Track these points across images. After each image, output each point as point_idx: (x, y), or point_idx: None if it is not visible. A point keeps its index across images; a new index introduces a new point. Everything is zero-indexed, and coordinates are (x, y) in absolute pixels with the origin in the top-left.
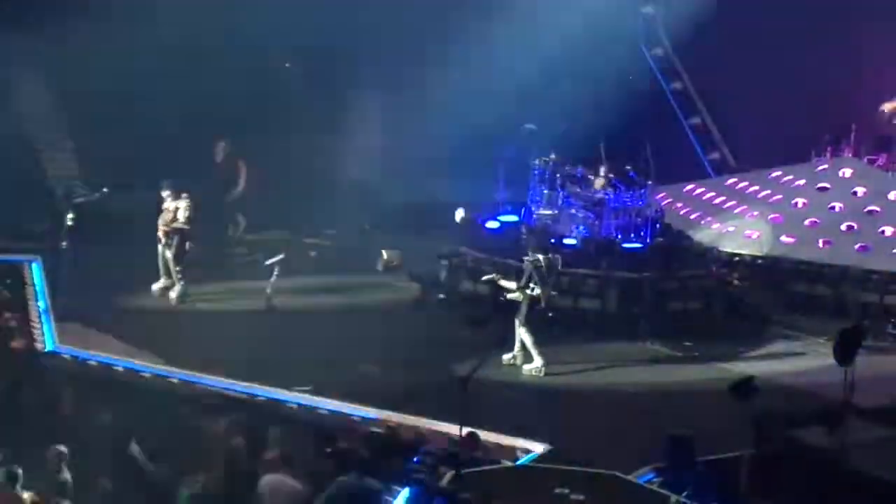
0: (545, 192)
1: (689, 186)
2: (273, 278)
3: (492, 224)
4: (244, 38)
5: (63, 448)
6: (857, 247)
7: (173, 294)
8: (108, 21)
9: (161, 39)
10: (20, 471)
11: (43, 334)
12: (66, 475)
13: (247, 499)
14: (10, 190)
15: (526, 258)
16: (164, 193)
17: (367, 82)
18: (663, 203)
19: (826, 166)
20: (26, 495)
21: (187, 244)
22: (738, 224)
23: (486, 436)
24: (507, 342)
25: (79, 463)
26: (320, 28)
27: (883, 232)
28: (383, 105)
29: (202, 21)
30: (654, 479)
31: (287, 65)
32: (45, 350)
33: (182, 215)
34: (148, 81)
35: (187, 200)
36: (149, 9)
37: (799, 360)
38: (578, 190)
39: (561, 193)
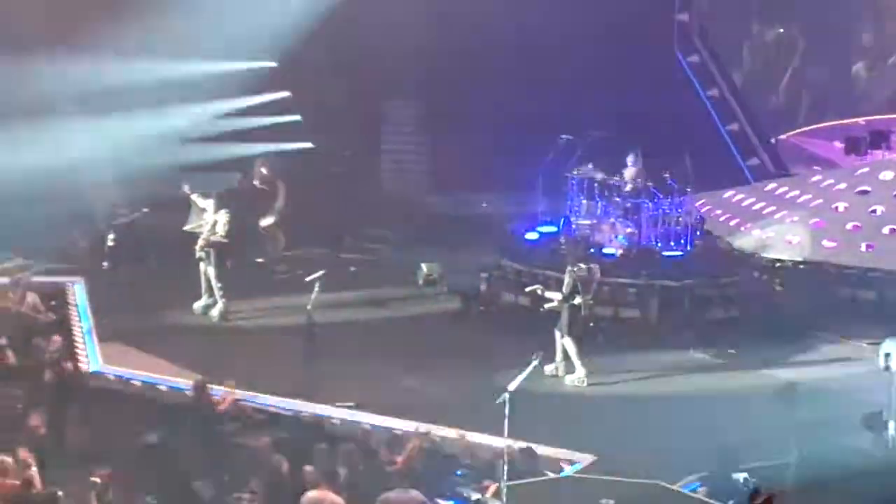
0: (583, 201)
1: (729, 193)
2: (314, 294)
3: (531, 235)
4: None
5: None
6: None
7: (215, 312)
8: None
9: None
10: (60, 493)
11: (87, 355)
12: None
13: None
14: (52, 212)
15: (567, 268)
16: (202, 205)
17: (407, 93)
18: (703, 210)
19: (866, 169)
20: None
21: (228, 262)
22: (779, 230)
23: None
24: (549, 354)
25: (124, 483)
26: (352, 39)
27: None
28: (419, 117)
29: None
30: (699, 488)
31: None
32: (90, 371)
33: (221, 229)
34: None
35: (227, 214)
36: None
37: (844, 365)
38: (617, 199)
39: (599, 203)
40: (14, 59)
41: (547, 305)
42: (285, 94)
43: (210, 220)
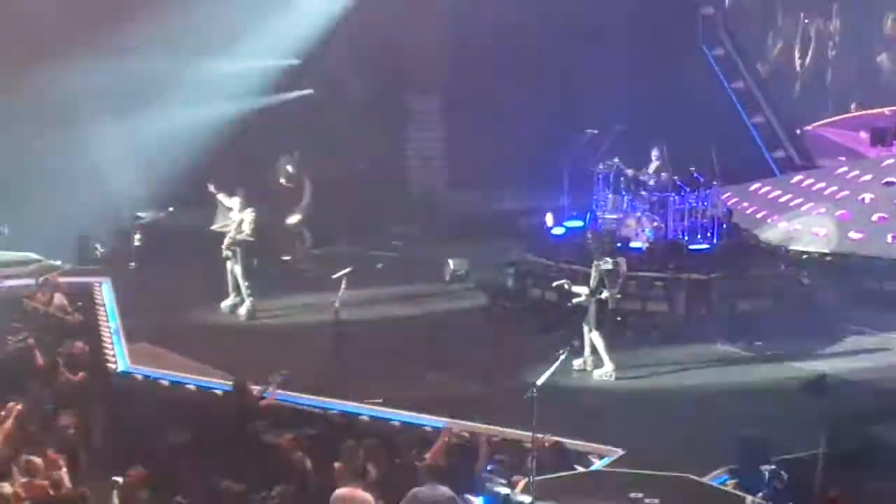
0: (609, 196)
1: (755, 185)
2: (341, 291)
3: (557, 230)
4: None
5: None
6: None
7: (242, 311)
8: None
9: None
10: (88, 493)
11: (115, 355)
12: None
13: None
14: (79, 212)
15: (594, 263)
16: (228, 203)
17: (430, 89)
18: (729, 203)
19: (892, 160)
20: None
21: (255, 260)
22: (806, 222)
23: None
24: (577, 348)
25: (155, 483)
26: (375, 35)
27: None
28: (445, 113)
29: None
30: (729, 481)
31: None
32: (118, 371)
33: (247, 227)
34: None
35: (252, 213)
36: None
37: (872, 357)
38: (643, 193)
39: (626, 197)
40: (40, 60)
41: (574, 300)
42: (308, 91)
43: (236, 218)
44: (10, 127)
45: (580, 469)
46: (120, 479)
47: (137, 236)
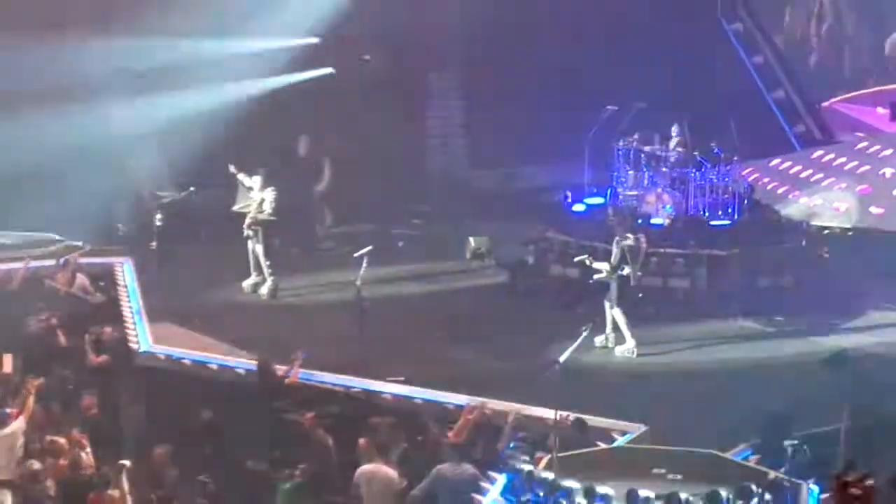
0: (630, 172)
1: (776, 161)
2: (362, 270)
3: (578, 207)
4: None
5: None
6: None
7: (264, 290)
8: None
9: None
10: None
11: (137, 335)
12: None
13: (344, 488)
14: (100, 192)
15: (615, 239)
16: (248, 184)
17: (450, 67)
18: (749, 178)
19: None
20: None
21: (276, 240)
22: (826, 197)
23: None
24: (598, 325)
25: (178, 460)
26: (400, 15)
27: None
28: (465, 90)
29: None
30: (751, 456)
31: (366, 57)
32: (140, 350)
33: (268, 206)
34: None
35: (273, 192)
36: None
37: (893, 331)
38: (664, 169)
39: (646, 173)
40: (61, 39)
41: (595, 276)
42: (328, 70)
43: (257, 198)
44: (30, 107)
45: (603, 446)
46: (128, 463)
47: (159, 216)
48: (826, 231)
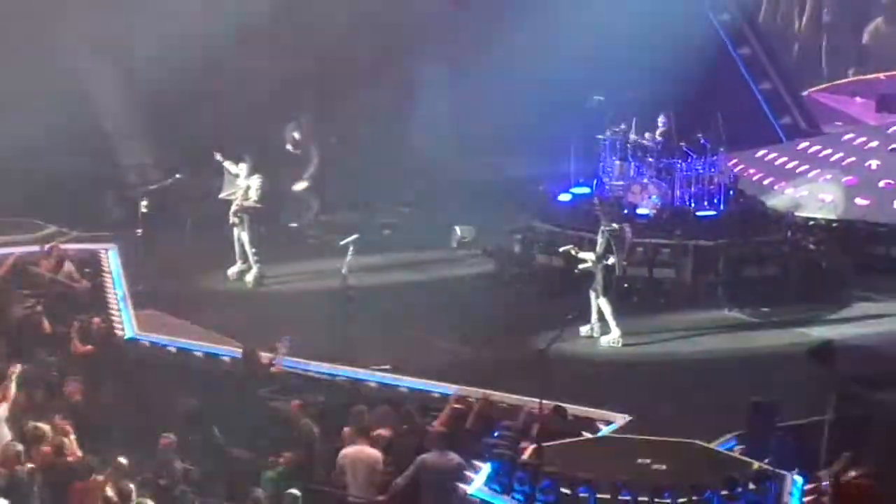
0: (616, 162)
1: (762, 152)
2: (348, 258)
3: (564, 197)
4: (306, 14)
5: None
6: None
7: (249, 277)
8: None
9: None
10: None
11: (122, 322)
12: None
13: (329, 476)
14: (85, 179)
15: (601, 229)
16: (234, 171)
17: (435, 57)
18: (735, 169)
19: None
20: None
21: (261, 227)
22: (812, 188)
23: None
24: (583, 315)
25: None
26: (386, 4)
27: None
28: (451, 80)
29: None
30: (736, 447)
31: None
32: (125, 337)
33: (254, 194)
34: (215, 63)
35: (259, 179)
36: None
37: (877, 323)
38: (650, 159)
39: (632, 164)
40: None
41: (581, 266)
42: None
43: (243, 185)
44: (13, 90)
45: (587, 435)
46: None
47: (144, 203)
48: (812, 222)
